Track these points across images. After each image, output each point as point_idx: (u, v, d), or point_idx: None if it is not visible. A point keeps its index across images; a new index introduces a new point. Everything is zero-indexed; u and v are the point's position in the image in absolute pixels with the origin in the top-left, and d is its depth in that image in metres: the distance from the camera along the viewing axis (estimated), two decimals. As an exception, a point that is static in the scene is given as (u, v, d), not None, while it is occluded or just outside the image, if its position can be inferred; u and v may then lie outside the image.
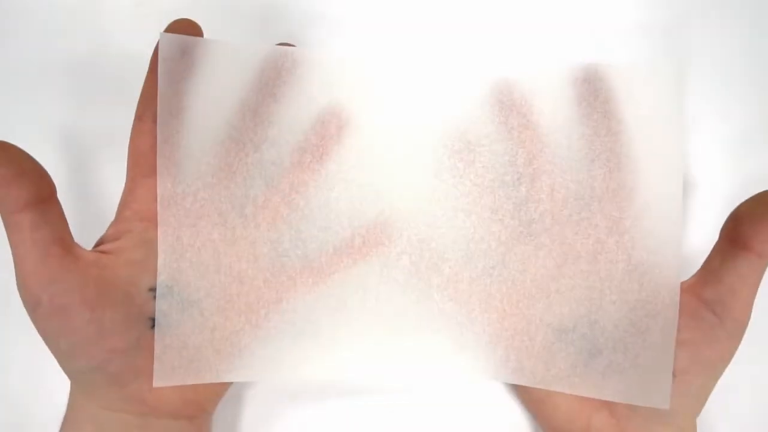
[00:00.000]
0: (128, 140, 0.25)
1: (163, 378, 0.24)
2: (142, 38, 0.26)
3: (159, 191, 0.24)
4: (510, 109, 0.26)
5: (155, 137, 0.24)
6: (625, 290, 0.25)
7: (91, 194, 0.31)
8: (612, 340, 0.25)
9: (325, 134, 0.26)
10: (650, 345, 0.24)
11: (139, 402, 0.24)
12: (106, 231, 0.25)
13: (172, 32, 0.24)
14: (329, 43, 0.33)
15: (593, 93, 0.26)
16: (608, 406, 0.25)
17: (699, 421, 0.25)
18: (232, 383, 0.27)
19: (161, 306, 0.24)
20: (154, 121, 0.24)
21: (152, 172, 0.24)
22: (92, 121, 0.32)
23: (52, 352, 0.23)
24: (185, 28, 0.24)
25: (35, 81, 0.32)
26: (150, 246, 0.24)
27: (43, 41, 0.33)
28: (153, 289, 0.24)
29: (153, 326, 0.24)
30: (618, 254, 0.25)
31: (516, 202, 0.26)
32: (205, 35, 0.32)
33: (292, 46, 0.26)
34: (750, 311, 0.23)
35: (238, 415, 0.29)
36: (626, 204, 0.25)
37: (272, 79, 0.25)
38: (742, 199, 0.24)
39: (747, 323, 0.23)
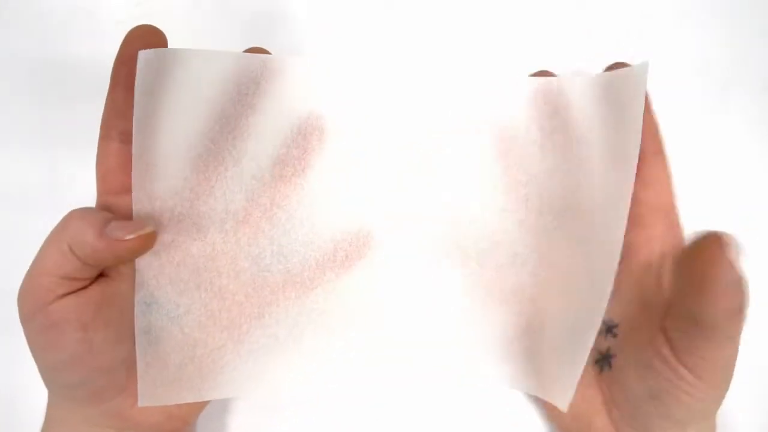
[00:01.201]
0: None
1: (148, 398, 0.23)
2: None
3: (134, 207, 0.23)
4: (486, 119, 0.26)
5: (123, 156, 0.23)
6: (584, 299, 0.25)
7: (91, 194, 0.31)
8: (568, 349, 0.25)
9: (307, 146, 0.25)
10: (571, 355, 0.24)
11: (120, 417, 0.23)
12: None
13: (134, 39, 0.22)
14: (319, 48, 0.33)
15: (566, 105, 0.25)
16: (606, 408, 0.25)
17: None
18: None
19: (141, 324, 0.23)
20: (121, 141, 0.23)
21: (122, 189, 0.23)
22: (92, 121, 0.32)
23: (36, 362, 0.22)
24: (148, 35, 0.22)
25: (34, 81, 0.32)
26: (134, 261, 0.24)
27: (43, 41, 0.33)
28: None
29: None
30: (583, 264, 0.25)
31: (493, 212, 0.26)
32: (203, 34, 0.32)
33: (267, 52, 0.25)
34: (730, 372, 0.22)
35: (225, 426, 0.29)
36: (593, 214, 0.25)
37: (251, 90, 0.24)
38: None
39: (728, 382, 0.22)
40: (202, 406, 0.26)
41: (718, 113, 0.33)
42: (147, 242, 0.22)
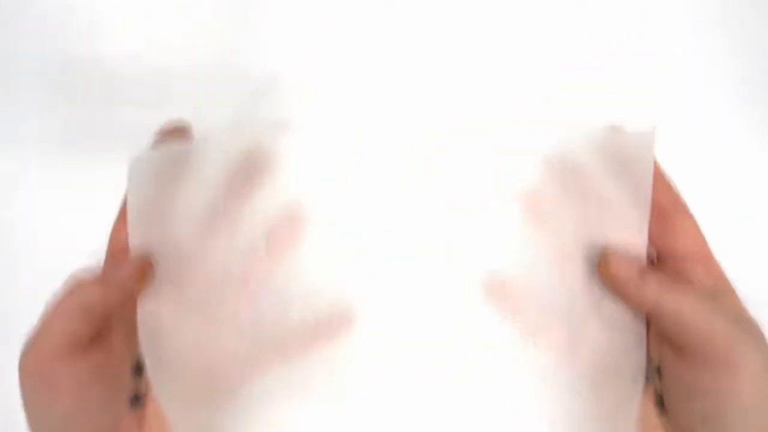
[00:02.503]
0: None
1: None
2: (141, 38, 0.26)
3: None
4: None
5: None
6: (599, 340, 0.25)
7: (90, 188, 0.31)
8: (589, 382, 0.25)
9: (304, 218, 0.26)
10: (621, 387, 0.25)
11: None
12: None
13: (165, 135, 0.23)
14: (318, 45, 0.33)
15: (561, 158, 0.25)
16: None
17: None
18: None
19: (140, 384, 0.24)
20: None
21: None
22: (91, 121, 0.32)
23: (29, 423, 0.22)
24: (176, 132, 0.24)
25: (32, 80, 0.32)
26: (129, 323, 0.24)
27: (42, 41, 0.33)
28: (134, 368, 0.24)
29: (132, 405, 0.24)
30: (590, 310, 0.25)
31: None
32: (203, 33, 0.32)
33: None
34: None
35: None
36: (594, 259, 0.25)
37: (256, 167, 0.25)
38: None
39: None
40: None
41: (719, 113, 0.33)
42: (146, 268, 0.23)
